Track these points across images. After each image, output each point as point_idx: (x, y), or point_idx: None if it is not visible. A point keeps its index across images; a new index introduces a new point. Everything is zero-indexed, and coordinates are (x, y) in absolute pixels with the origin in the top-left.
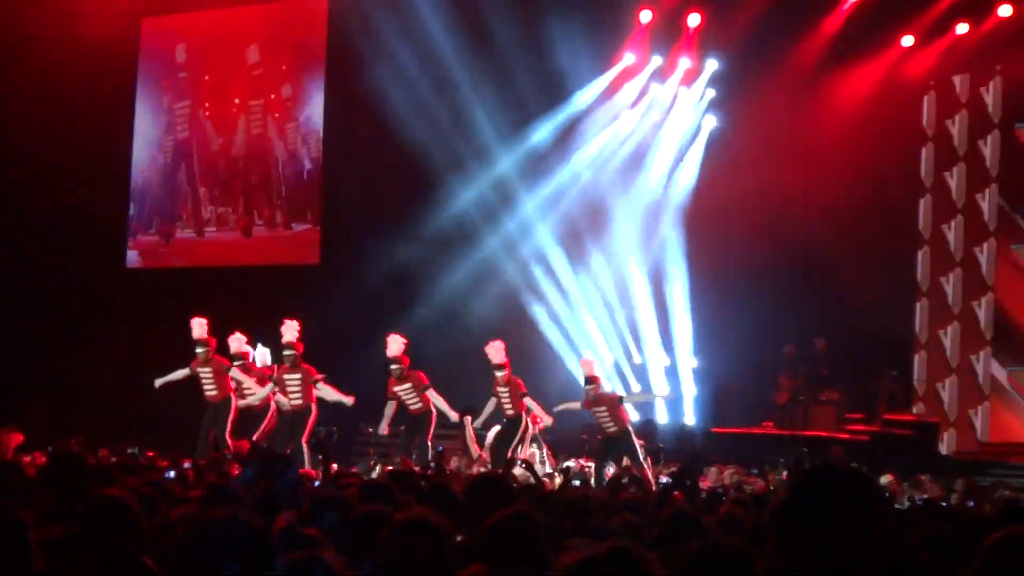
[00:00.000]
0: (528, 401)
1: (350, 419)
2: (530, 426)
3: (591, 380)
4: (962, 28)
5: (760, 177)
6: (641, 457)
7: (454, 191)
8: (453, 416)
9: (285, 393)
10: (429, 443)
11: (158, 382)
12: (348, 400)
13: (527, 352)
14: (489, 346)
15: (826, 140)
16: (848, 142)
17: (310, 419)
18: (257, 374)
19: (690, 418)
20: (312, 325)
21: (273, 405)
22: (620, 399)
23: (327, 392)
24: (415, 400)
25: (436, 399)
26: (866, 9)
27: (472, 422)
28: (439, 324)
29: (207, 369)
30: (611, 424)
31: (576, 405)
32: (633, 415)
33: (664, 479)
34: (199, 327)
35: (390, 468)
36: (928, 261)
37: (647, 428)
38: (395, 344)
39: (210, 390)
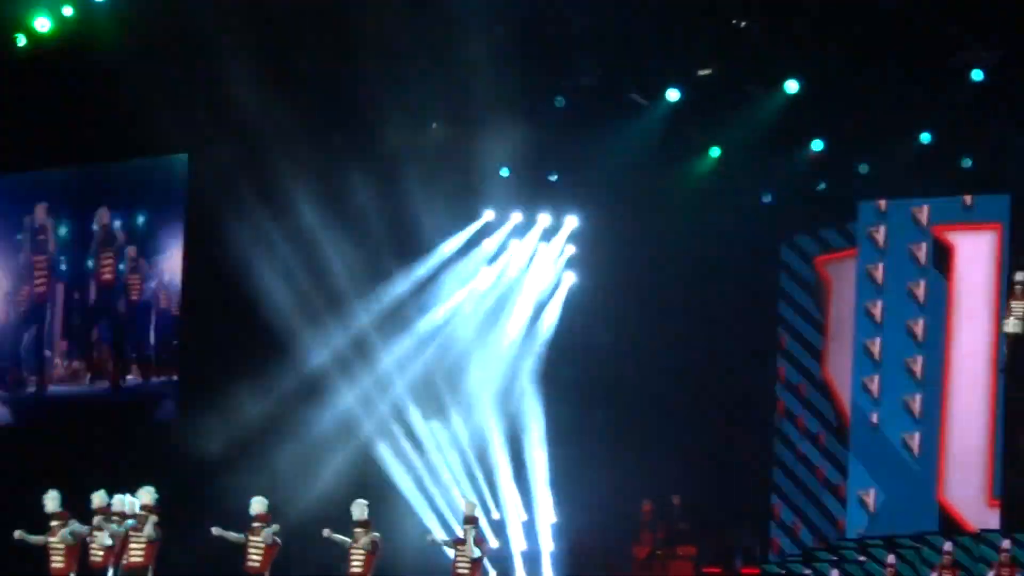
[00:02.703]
0: None
1: None
2: None
3: (470, 520)
4: (820, 185)
5: (619, 330)
6: None
7: (310, 345)
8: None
9: (127, 552)
10: None
11: (17, 535)
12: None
13: (383, 508)
14: (355, 504)
15: (685, 295)
16: (708, 297)
17: None
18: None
19: (548, 573)
20: (167, 478)
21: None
22: (488, 549)
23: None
24: (257, 559)
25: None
26: (725, 166)
27: None
28: (294, 479)
29: (58, 541)
30: (467, 570)
31: (444, 539)
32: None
33: None
34: (52, 501)
35: None
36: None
37: None
38: (259, 504)
39: (57, 562)
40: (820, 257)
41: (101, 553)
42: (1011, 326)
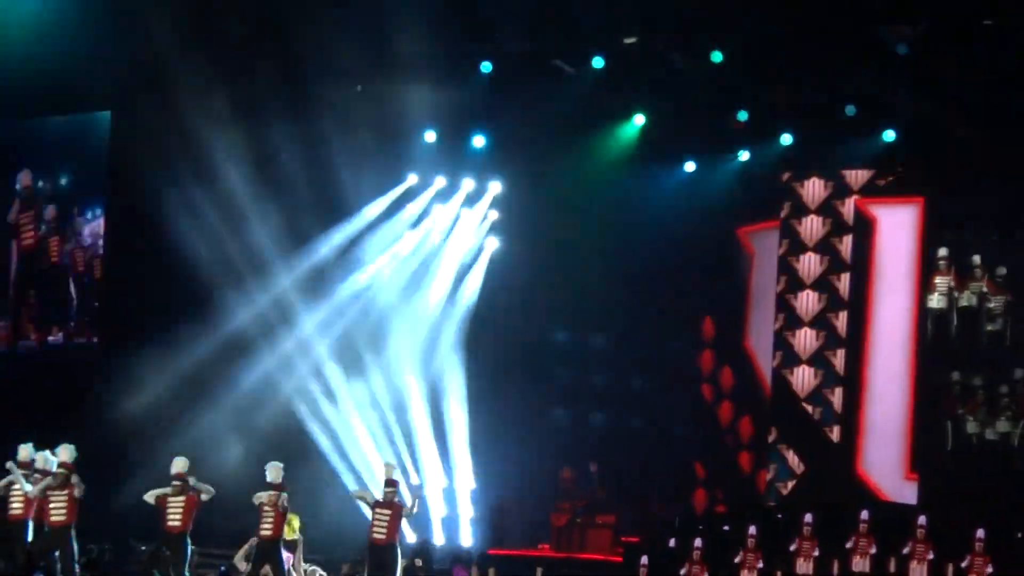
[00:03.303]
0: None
1: (122, 536)
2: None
3: (391, 484)
4: (744, 154)
5: (542, 296)
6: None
7: (232, 307)
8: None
9: (49, 510)
10: (187, 572)
11: None
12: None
13: (302, 469)
14: (270, 465)
15: (608, 261)
16: (631, 263)
17: (72, 535)
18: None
19: (467, 539)
20: (88, 438)
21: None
22: (407, 513)
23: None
24: (177, 518)
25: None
26: (648, 135)
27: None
28: (214, 440)
29: None
30: (383, 533)
31: (368, 497)
32: (410, 535)
33: None
34: None
35: None
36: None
37: (423, 548)
38: (181, 463)
39: None
40: (743, 228)
41: (21, 507)
42: (935, 301)
